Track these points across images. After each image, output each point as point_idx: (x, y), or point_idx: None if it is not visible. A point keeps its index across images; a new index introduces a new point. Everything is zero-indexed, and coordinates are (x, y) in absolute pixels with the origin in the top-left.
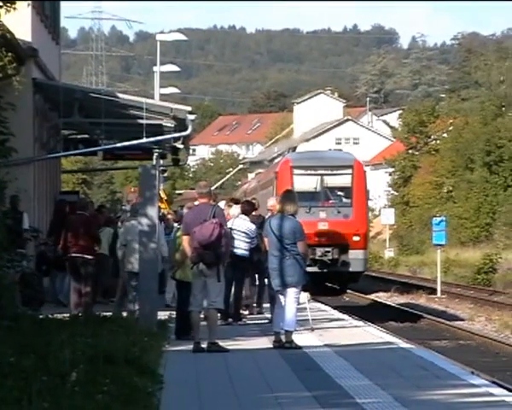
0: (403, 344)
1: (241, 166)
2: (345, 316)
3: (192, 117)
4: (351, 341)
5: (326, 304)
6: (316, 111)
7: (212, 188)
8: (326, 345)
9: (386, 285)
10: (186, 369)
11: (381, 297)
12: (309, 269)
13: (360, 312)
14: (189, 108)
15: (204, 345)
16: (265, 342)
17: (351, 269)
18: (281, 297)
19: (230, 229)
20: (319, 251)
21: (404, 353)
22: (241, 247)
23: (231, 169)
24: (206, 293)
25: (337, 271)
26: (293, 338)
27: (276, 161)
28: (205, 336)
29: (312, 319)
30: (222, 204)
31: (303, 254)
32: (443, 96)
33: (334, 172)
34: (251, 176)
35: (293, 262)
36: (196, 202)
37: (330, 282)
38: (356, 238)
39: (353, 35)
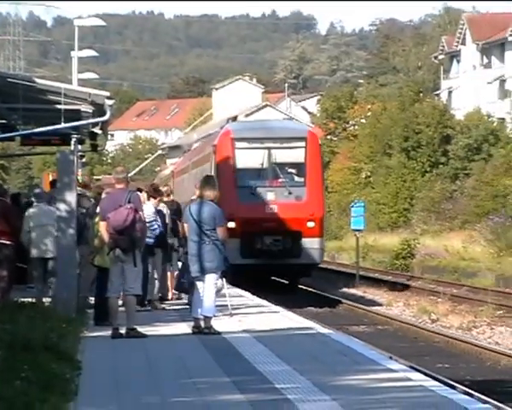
0: (321, 330)
1: (159, 151)
2: (264, 302)
3: (110, 102)
4: (270, 326)
5: (246, 290)
6: (235, 97)
7: (131, 174)
8: (245, 331)
9: None
10: (104, 355)
11: (300, 282)
12: (254, 261)
13: (279, 297)
14: (108, 94)
15: (122, 331)
16: (184, 328)
17: (304, 261)
18: (200, 283)
19: None
20: (267, 240)
21: (323, 338)
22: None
23: (150, 155)
24: (123, 279)
25: (288, 263)
26: (212, 324)
27: (213, 132)
28: (123, 321)
29: (231, 305)
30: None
31: (222, 240)
32: (361, 81)
33: (285, 145)
34: (170, 161)
35: (213, 248)
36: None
37: (278, 276)
38: (310, 224)
39: (272, 21)
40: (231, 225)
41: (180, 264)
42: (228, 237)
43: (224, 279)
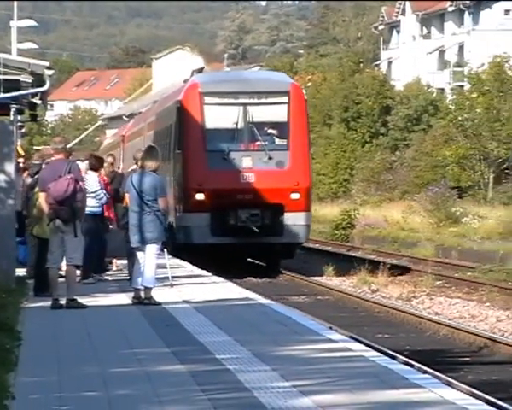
0: (261, 300)
1: (99, 122)
2: (204, 272)
3: (50, 72)
4: (210, 297)
5: (187, 261)
6: (175, 67)
7: (71, 144)
8: (185, 301)
9: None
10: (44, 326)
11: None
12: (228, 240)
13: (219, 267)
14: (47, 64)
15: (63, 301)
16: (124, 299)
17: (287, 239)
18: (140, 254)
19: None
20: (242, 214)
21: (263, 309)
22: (90, 204)
23: (90, 125)
24: (63, 249)
25: (268, 242)
26: (152, 295)
27: (177, 86)
28: (64, 292)
29: (172, 276)
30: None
31: (163, 210)
32: (301, 52)
33: (263, 100)
34: (109, 132)
35: (154, 218)
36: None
37: (255, 257)
38: (295, 196)
39: None
40: (199, 196)
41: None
42: (168, 208)
43: (165, 250)
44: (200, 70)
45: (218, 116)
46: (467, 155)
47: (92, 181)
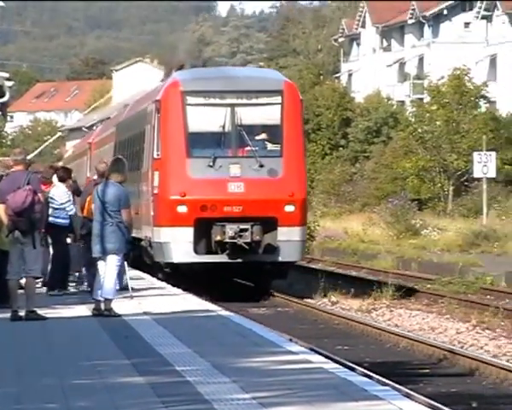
0: (221, 312)
1: (59, 133)
2: (164, 284)
3: (9, 84)
4: (170, 308)
5: (147, 273)
6: (135, 78)
7: (30, 156)
8: (145, 313)
9: None
10: (3, 337)
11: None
12: (215, 258)
13: (180, 279)
14: (7, 75)
15: (22, 313)
16: (84, 311)
17: (280, 258)
18: (101, 264)
19: (51, 198)
20: (230, 229)
21: (223, 320)
22: (59, 216)
23: (49, 137)
24: (23, 261)
25: (258, 261)
26: (112, 306)
27: (154, 87)
28: (23, 304)
29: (132, 287)
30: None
31: (127, 222)
32: (261, 64)
33: (253, 100)
34: (69, 143)
35: (116, 229)
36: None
37: (243, 277)
38: (289, 208)
39: (171, 3)
40: (181, 209)
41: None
42: (132, 219)
43: (125, 262)
44: (181, 67)
45: (202, 118)
46: (426, 167)
47: (61, 193)
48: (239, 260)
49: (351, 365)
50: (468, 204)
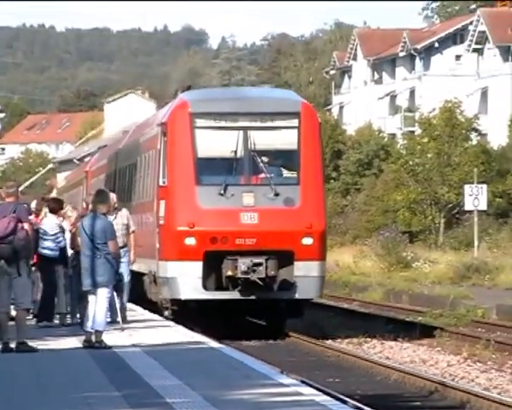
0: (212, 344)
1: (50, 165)
2: (155, 316)
3: (1, 115)
4: (161, 340)
5: (136, 304)
6: (126, 110)
7: (22, 187)
8: (136, 345)
9: None
10: None
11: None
12: (226, 295)
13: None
14: None
15: (13, 345)
16: (75, 342)
17: (297, 295)
18: (91, 297)
19: (41, 229)
20: (242, 263)
21: (214, 352)
22: (48, 247)
23: (41, 168)
24: (12, 293)
25: (273, 298)
26: (103, 338)
27: (159, 113)
28: (14, 335)
29: (122, 319)
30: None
31: (113, 253)
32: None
33: (268, 123)
34: (60, 175)
35: (104, 262)
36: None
37: (256, 315)
38: (307, 241)
39: (163, 35)
40: (190, 241)
41: None
42: (119, 250)
43: (115, 293)
44: (188, 88)
45: (212, 142)
46: (418, 199)
47: (52, 224)
48: (252, 298)
49: (342, 397)
50: (459, 237)
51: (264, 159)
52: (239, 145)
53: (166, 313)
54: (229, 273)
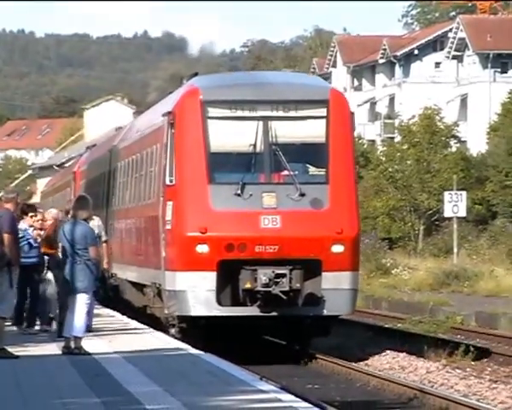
0: (192, 350)
1: (30, 171)
2: (134, 322)
3: None
4: (140, 347)
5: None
6: (106, 116)
7: (1, 193)
8: (115, 351)
9: None
10: None
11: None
12: (243, 311)
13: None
14: None
15: None
16: (55, 349)
17: (325, 311)
18: (71, 303)
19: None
20: (263, 275)
21: (194, 359)
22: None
23: (20, 175)
24: None
25: (298, 315)
26: (82, 344)
27: (163, 101)
28: None
29: (102, 326)
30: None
31: (94, 259)
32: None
33: (292, 113)
34: (41, 181)
35: (84, 268)
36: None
37: (275, 334)
38: (337, 248)
39: (144, 41)
40: (202, 249)
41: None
42: (100, 256)
43: (95, 299)
44: (195, 75)
45: (227, 135)
46: (397, 206)
47: (21, 227)
48: (273, 314)
49: (321, 403)
50: (438, 243)
51: (288, 154)
52: (258, 138)
53: (173, 330)
54: (248, 286)
